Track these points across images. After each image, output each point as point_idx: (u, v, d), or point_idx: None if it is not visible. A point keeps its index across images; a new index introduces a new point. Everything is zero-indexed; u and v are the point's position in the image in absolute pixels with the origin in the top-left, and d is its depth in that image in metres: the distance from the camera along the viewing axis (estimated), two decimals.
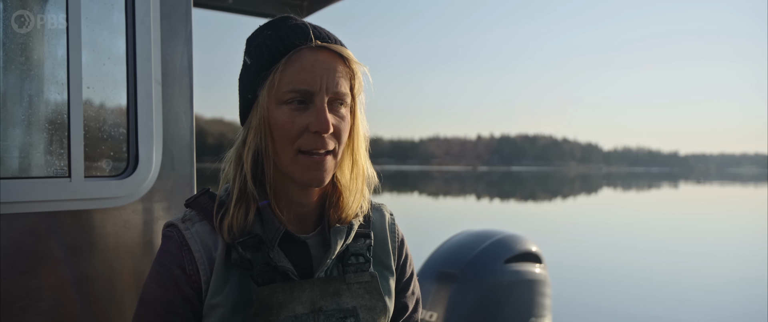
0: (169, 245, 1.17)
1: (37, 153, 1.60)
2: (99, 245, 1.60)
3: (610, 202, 37.54)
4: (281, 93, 1.12)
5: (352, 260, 1.24)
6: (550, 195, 45.31)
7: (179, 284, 1.14)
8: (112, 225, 1.62)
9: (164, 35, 1.69)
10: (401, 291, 1.37)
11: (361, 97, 1.23)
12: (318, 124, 1.11)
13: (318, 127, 1.11)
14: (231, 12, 3.17)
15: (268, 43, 1.14)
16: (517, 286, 2.87)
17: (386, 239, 1.34)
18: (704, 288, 9.79)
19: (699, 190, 59.29)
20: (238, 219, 1.14)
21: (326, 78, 1.12)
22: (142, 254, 1.67)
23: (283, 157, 1.15)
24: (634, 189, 58.08)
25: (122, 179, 1.62)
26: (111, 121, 1.66)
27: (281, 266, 1.15)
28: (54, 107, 1.60)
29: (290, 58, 1.12)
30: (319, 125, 1.11)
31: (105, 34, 1.64)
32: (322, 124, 1.11)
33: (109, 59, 1.65)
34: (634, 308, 8.29)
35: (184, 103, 1.74)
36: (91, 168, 1.61)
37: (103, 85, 1.65)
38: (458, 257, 2.92)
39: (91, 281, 1.58)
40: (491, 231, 3.08)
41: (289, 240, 1.20)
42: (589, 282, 9.83)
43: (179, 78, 1.73)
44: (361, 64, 1.19)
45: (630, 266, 11.70)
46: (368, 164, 1.27)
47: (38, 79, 1.61)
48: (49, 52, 1.61)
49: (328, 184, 1.24)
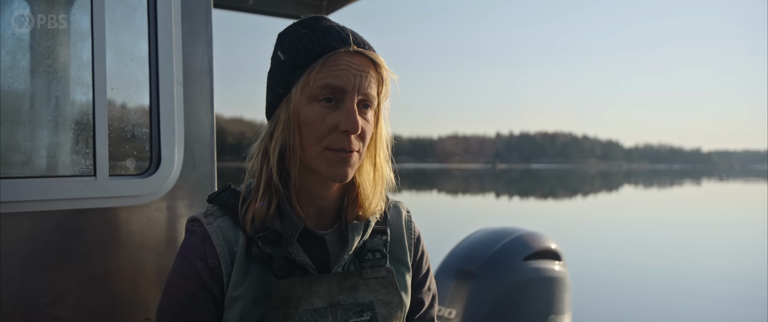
0: (192, 239, 1.20)
1: (64, 152, 1.65)
2: (123, 241, 1.64)
3: (631, 199, 37.16)
4: (314, 90, 1.15)
5: (368, 256, 1.27)
6: (570, 193, 44.97)
7: (202, 277, 1.17)
8: (136, 222, 1.66)
9: (185, 37, 1.72)
10: (417, 287, 1.39)
11: (386, 103, 1.25)
12: (347, 124, 1.14)
13: (347, 127, 1.14)
14: (251, 12, 3.21)
15: (304, 41, 1.17)
16: (537, 283, 2.87)
17: (402, 235, 1.36)
18: (725, 283, 9.66)
19: (722, 187, 58.44)
20: (262, 211, 1.18)
21: (359, 80, 1.15)
22: (165, 250, 1.71)
23: (310, 153, 1.18)
24: (656, 186, 57.43)
25: (145, 177, 1.66)
26: (134, 121, 1.70)
27: (300, 260, 1.18)
28: (79, 108, 1.65)
29: (327, 60, 1.15)
30: (348, 125, 1.14)
31: (128, 36, 1.68)
32: (352, 124, 1.14)
33: (132, 61, 1.69)
34: (655, 305, 8.22)
35: (205, 103, 1.77)
36: (115, 167, 1.65)
37: (127, 86, 1.69)
38: (477, 255, 2.92)
39: (115, 276, 1.62)
40: (510, 228, 3.07)
41: (308, 236, 1.23)
42: (610, 279, 9.76)
43: (200, 79, 1.76)
44: (392, 71, 1.22)
45: (651, 263, 11.58)
46: (388, 168, 1.30)
47: (64, 81, 1.65)
48: (75, 55, 1.65)
49: (348, 183, 1.27)
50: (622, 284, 9.63)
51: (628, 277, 10.17)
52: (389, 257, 1.32)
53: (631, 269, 11.00)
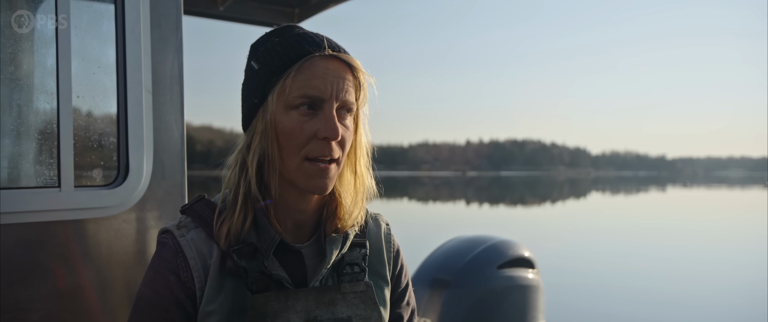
0: (164, 252, 1.16)
1: (27, 163, 1.59)
2: (90, 254, 1.58)
3: (599, 206, 37.74)
4: (291, 98, 1.12)
5: (347, 270, 1.24)
6: (539, 200, 45.48)
7: (174, 291, 1.13)
8: (104, 235, 1.61)
9: (155, 44, 1.68)
10: (396, 301, 1.37)
11: (364, 108, 1.23)
12: (327, 131, 1.11)
13: (327, 134, 1.11)
14: (222, 19, 3.16)
15: (278, 49, 1.14)
16: (511, 291, 2.87)
17: (381, 249, 1.34)
18: (694, 291, 9.84)
19: (687, 193, 59.72)
20: (237, 225, 1.14)
21: (336, 86, 1.12)
22: (133, 263, 1.66)
23: (289, 164, 1.14)
24: (623, 193, 58.43)
25: (113, 188, 1.61)
26: (101, 130, 1.65)
27: (276, 274, 1.14)
28: (43, 116, 1.59)
29: (302, 65, 1.12)
30: (328, 132, 1.11)
31: (95, 42, 1.63)
32: (331, 130, 1.11)
33: (99, 68, 1.64)
34: (625, 311, 8.32)
35: (175, 111, 1.73)
36: (81, 178, 1.60)
37: (93, 94, 1.64)
38: (451, 263, 2.91)
39: (82, 291, 1.56)
40: (484, 237, 3.07)
41: (284, 249, 1.19)
42: (580, 286, 9.86)
43: (170, 86, 1.72)
44: (369, 75, 1.19)
45: (620, 269, 11.76)
46: (369, 175, 1.27)
47: (27, 89, 1.60)
48: (39, 61, 1.60)
49: (327, 194, 1.24)
50: (593, 290, 9.74)
51: (598, 283, 10.30)
52: (368, 270, 1.29)
53: (601, 275, 11.14)
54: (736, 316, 8.29)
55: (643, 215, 29.02)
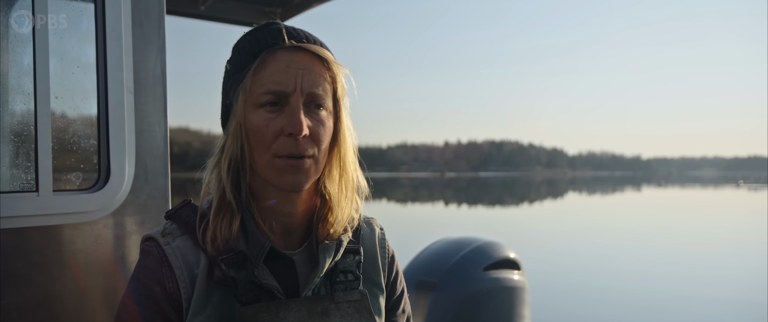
0: (148, 261, 1.11)
1: (3, 167, 1.53)
2: (69, 262, 1.52)
3: (577, 206, 38.08)
4: (256, 96, 1.08)
5: (340, 278, 1.19)
6: (517, 200, 45.75)
7: (159, 303, 1.08)
8: (83, 241, 1.55)
9: (136, 43, 1.63)
10: (391, 309, 1.32)
11: (345, 100, 1.18)
12: (291, 126, 1.06)
13: (291, 129, 1.05)
14: (203, 19, 3.11)
15: (245, 45, 1.11)
16: (497, 293, 2.86)
17: (376, 254, 1.29)
18: (670, 290, 9.95)
19: (661, 193, 60.56)
20: (222, 231, 1.09)
21: (301, 79, 1.07)
22: (114, 270, 1.60)
23: (260, 163, 1.10)
24: (599, 193, 59.04)
25: (93, 192, 1.55)
26: (81, 132, 1.59)
27: (266, 284, 1.09)
28: (20, 118, 1.53)
29: (264, 60, 1.08)
30: (292, 127, 1.05)
31: (74, 41, 1.57)
32: (295, 126, 1.05)
33: (78, 68, 1.58)
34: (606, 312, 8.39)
35: (158, 112, 1.68)
36: (60, 181, 1.54)
37: (73, 95, 1.58)
38: (437, 266, 2.89)
39: (60, 299, 1.51)
40: (470, 238, 3.06)
41: (274, 256, 1.14)
42: (559, 287, 9.90)
43: (152, 87, 1.66)
44: (342, 65, 1.15)
45: (599, 269, 11.85)
46: (358, 171, 1.22)
47: (3, 89, 1.54)
48: (15, 61, 1.53)
49: (317, 196, 1.20)
50: (573, 290, 9.79)
51: (578, 283, 10.36)
52: (362, 278, 1.24)
53: (580, 274, 11.22)
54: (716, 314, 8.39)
55: (619, 215, 29.33)
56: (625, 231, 19.85)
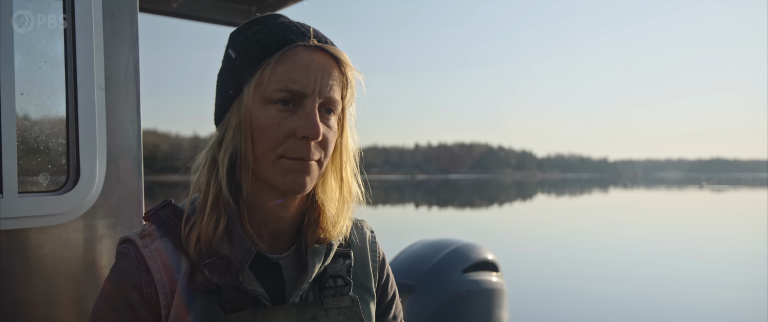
0: (125, 264, 1.04)
1: None
2: (36, 267, 1.44)
3: (545, 207, 38.51)
4: (269, 91, 1.01)
5: (330, 283, 1.13)
6: (487, 202, 46.08)
7: (135, 309, 1.02)
8: (51, 245, 1.47)
9: (107, 37, 1.55)
10: (382, 315, 1.27)
11: (351, 108, 1.13)
12: (307, 129, 1.00)
13: (307, 132, 1.00)
14: (174, 17, 3.02)
15: (259, 37, 1.04)
16: (476, 295, 2.84)
17: (367, 258, 1.24)
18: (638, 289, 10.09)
19: (628, 194, 61.59)
20: (209, 231, 1.03)
21: (320, 81, 1.02)
22: (84, 276, 1.52)
23: (263, 162, 1.04)
24: (568, 195, 59.81)
25: (61, 194, 1.48)
26: (48, 131, 1.51)
27: (252, 290, 1.03)
28: None
29: (284, 55, 1.02)
30: (308, 130, 1.00)
31: (41, 35, 1.49)
32: (312, 129, 1.00)
33: (45, 63, 1.50)
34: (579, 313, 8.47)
35: (131, 110, 1.61)
36: (26, 183, 1.46)
37: (39, 92, 1.49)
38: (416, 268, 2.86)
39: (27, 307, 1.43)
40: (448, 240, 3.03)
41: (260, 261, 1.08)
42: (530, 288, 9.96)
43: (124, 83, 1.59)
44: (358, 71, 1.10)
45: (568, 270, 11.98)
46: (356, 183, 1.17)
47: None
48: None
49: (308, 200, 1.14)
50: (544, 291, 9.86)
51: (547, 285, 10.44)
52: (352, 283, 1.19)
53: (553, 276, 11.31)
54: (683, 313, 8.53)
55: (587, 217, 29.74)
56: (594, 232, 20.12)
